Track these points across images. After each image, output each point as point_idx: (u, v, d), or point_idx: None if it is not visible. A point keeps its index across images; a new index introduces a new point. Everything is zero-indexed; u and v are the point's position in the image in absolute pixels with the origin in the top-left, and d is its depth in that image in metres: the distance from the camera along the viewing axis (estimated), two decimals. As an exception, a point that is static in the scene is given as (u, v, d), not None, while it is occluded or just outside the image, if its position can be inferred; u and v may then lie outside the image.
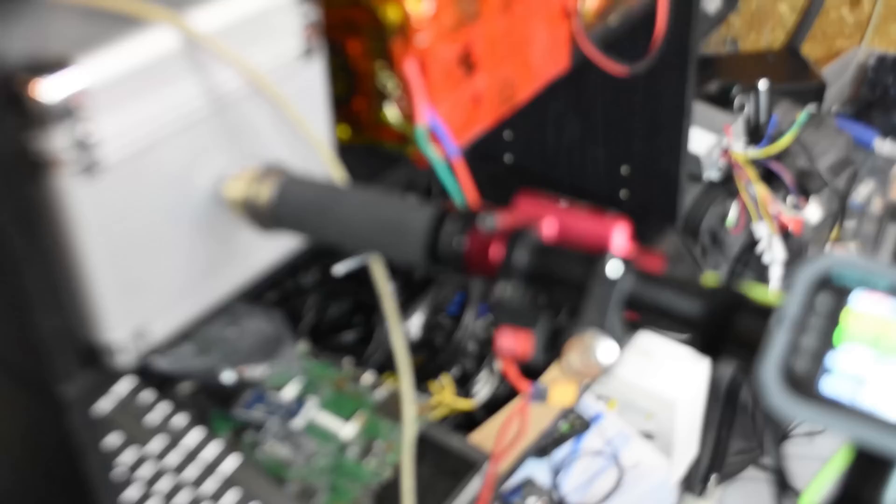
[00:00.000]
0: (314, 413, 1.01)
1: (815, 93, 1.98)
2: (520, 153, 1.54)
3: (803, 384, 0.48)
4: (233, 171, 0.68)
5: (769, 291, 0.53)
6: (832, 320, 0.48)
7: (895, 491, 0.49)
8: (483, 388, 1.19)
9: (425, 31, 0.81)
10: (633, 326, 0.57)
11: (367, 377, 1.05)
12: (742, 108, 1.63)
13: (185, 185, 0.66)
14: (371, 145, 0.89)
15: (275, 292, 1.23)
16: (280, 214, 0.65)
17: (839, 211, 1.70)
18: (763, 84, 1.63)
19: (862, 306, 0.48)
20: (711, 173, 1.54)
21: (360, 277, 1.22)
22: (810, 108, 1.71)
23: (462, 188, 0.86)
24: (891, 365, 0.47)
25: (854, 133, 2.20)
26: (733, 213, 1.53)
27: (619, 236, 0.60)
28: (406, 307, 1.19)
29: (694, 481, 1.78)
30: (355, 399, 1.03)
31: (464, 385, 1.19)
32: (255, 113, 0.69)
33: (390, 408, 1.03)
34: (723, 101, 1.65)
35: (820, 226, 1.65)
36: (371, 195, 0.63)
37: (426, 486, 0.99)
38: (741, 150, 1.55)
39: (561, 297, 0.58)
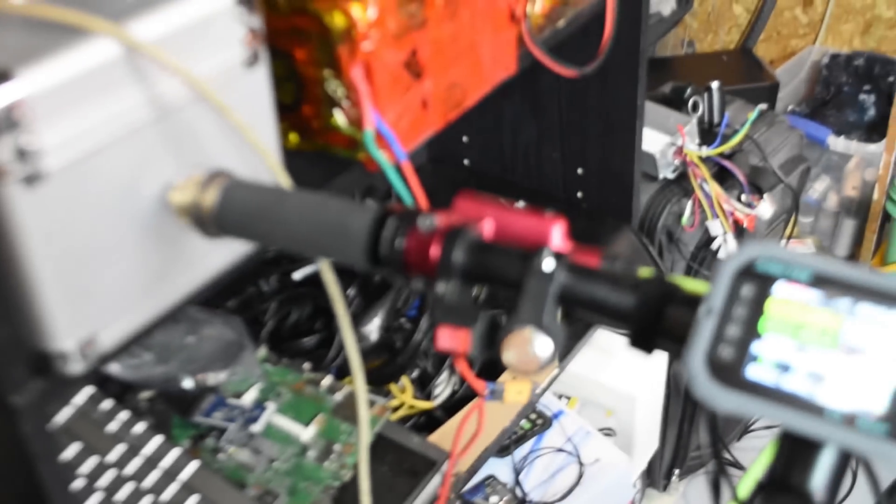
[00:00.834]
0: (273, 417, 1.01)
1: (768, 92, 2.00)
2: (478, 157, 1.55)
3: (729, 372, 0.49)
4: (179, 179, 0.68)
5: (698, 283, 0.54)
6: (756, 310, 0.49)
7: (822, 473, 0.51)
8: (443, 389, 1.19)
9: (371, 37, 0.81)
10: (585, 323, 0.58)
11: (326, 381, 1.06)
12: (696, 108, 1.65)
13: (131, 193, 0.66)
14: (321, 151, 0.89)
15: (236, 299, 1.23)
16: (224, 220, 0.65)
17: (792, 207, 1.72)
18: (716, 84, 1.64)
19: (784, 295, 0.49)
20: (666, 172, 1.55)
21: (320, 283, 1.22)
22: (762, 106, 1.72)
23: (411, 190, 0.87)
24: (813, 351, 0.47)
25: (808, 131, 2.22)
26: (688, 211, 1.54)
27: (556, 234, 0.61)
28: (366, 311, 1.20)
29: (657, 476, 1.79)
30: (314, 403, 1.03)
31: (424, 386, 1.19)
32: (201, 120, 0.69)
33: (349, 410, 1.03)
34: (677, 101, 1.66)
35: (774, 221, 1.66)
36: (314, 199, 0.63)
37: (386, 486, 1.00)
38: (695, 149, 1.56)
39: (499, 293, 0.59)
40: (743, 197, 1.58)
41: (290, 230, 0.63)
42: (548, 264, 0.56)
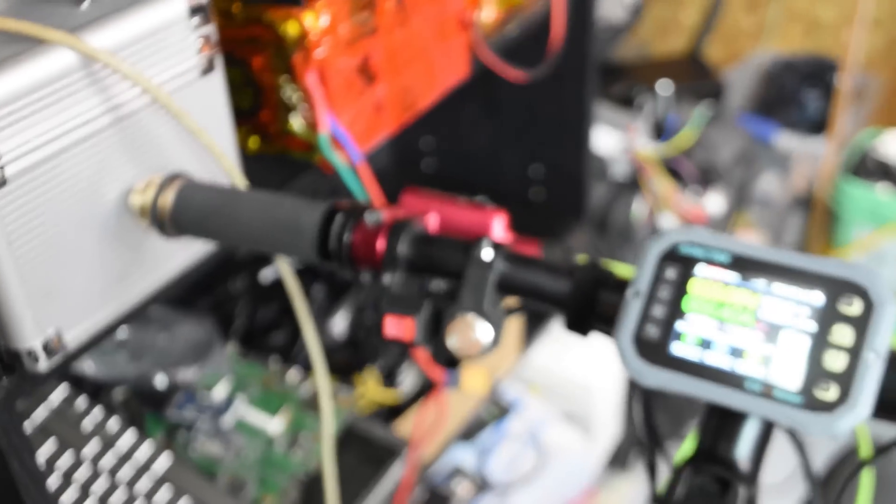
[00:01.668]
0: (243, 410, 1.01)
1: (715, 92, 2.02)
2: (439, 160, 1.55)
3: (656, 350, 0.49)
4: (139, 182, 0.68)
5: (629, 268, 0.55)
6: (679, 291, 0.50)
7: (746, 443, 0.51)
8: (407, 380, 1.20)
9: (324, 45, 0.82)
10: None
11: (293, 374, 1.06)
12: (646, 109, 1.66)
13: (93, 196, 0.66)
14: (280, 154, 0.89)
15: (206, 298, 1.23)
16: (181, 220, 0.65)
17: (740, 200, 1.74)
18: (664, 85, 1.66)
19: (705, 277, 0.49)
20: (618, 171, 1.57)
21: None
22: (708, 106, 1.74)
23: (367, 191, 0.87)
24: (732, 328, 0.48)
25: (756, 129, 2.25)
26: (640, 207, 1.55)
27: (497, 225, 0.62)
28: (332, 305, 1.20)
29: (621, 459, 1.80)
30: (282, 396, 1.03)
31: (390, 377, 1.20)
32: (159, 126, 0.69)
33: (315, 402, 1.03)
34: (628, 103, 1.68)
35: (722, 215, 1.68)
36: (266, 198, 0.64)
37: (351, 474, 1.00)
38: (645, 148, 1.57)
39: (443, 283, 0.59)
40: (692, 192, 1.59)
41: (244, 228, 0.63)
42: (486, 254, 0.56)
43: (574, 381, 1.44)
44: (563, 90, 1.34)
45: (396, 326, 0.58)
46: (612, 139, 1.56)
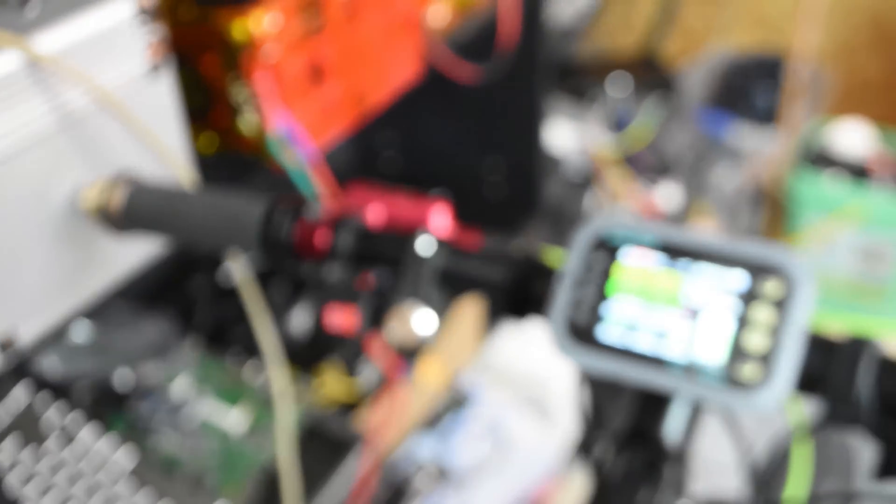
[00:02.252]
0: (203, 405, 1.02)
1: (670, 88, 2.04)
2: (399, 157, 1.56)
3: (584, 333, 0.50)
4: (89, 181, 0.68)
5: (562, 254, 0.56)
6: (606, 275, 0.51)
7: (674, 422, 0.53)
8: (368, 373, 1.20)
9: (271, 45, 0.82)
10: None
11: (253, 369, 1.06)
12: (601, 105, 1.68)
13: (43, 197, 0.66)
14: (233, 154, 0.90)
15: (169, 296, 1.23)
16: (130, 218, 0.66)
17: (694, 193, 1.75)
18: (618, 82, 1.67)
19: (629, 261, 0.51)
20: (573, 165, 1.58)
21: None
22: (661, 100, 1.76)
23: (318, 188, 0.88)
24: (656, 310, 0.49)
25: (711, 123, 2.27)
26: (596, 200, 1.57)
27: (439, 217, 0.63)
28: (292, 300, 1.20)
29: (587, 447, 1.81)
30: (242, 390, 1.04)
31: (351, 369, 1.20)
32: (108, 126, 0.69)
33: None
34: (584, 99, 1.69)
35: (677, 208, 1.70)
36: (212, 194, 0.64)
37: (310, 467, 1.00)
38: (600, 142, 1.59)
39: (385, 274, 0.60)
40: (645, 183, 1.61)
41: (191, 225, 0.64)
42: (424, 244, 0.57)
43: (536, 370, 1.45)
44: (517, 88, 1.35)
45: (339, 316, 0.58)
46: (567, 135, 1.57)
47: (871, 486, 0.64)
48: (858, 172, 2.11)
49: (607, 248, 0.51)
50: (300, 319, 1.19)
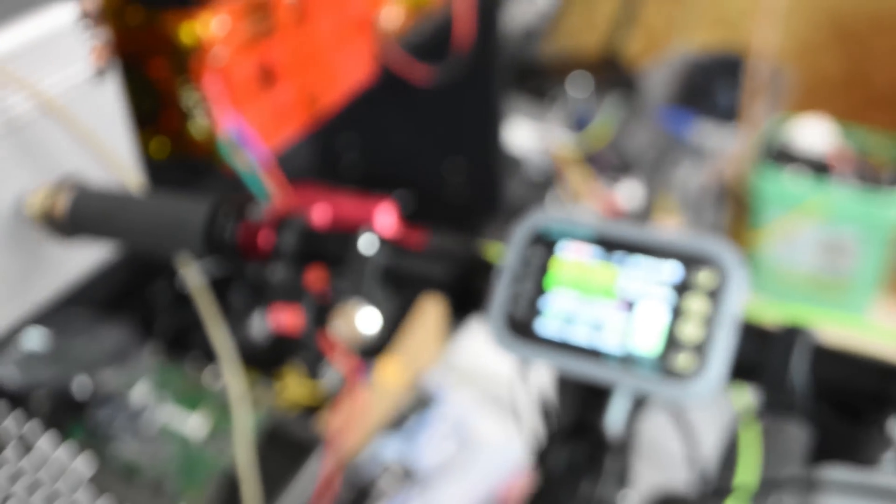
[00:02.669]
0: (163, 410, 1.01)
1: (631, 87, 2.05)
2: (360, 159, 1.56)
3: (523, 327, 0.51)
4: (34, 187, 0.68)
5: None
6: (544, 269, 0.51)
7: (616, 413, 0.53)
8: (331, 374, 1.20)
9: (220, 48, 0.82)
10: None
11: (213, 374, 1.05)
12: (562, 105, 1.68)
13: (-14, 203, 0.65)
14: (185, 158, 0.89)
15: (129, 302, 1.22)
16: (75, 223, 0.65)
17: (655, 191, 1.77)
18: (580, 82, 1.68)
19: (567, 254, 0.51)
20: (536, 165, 1.58)
21: (212, 281, 1.22)
22: (622, 99, 1.77)
23: (271, 192, 0.87)
24: (593, 303, 0.50)
25: (673, 121, 2.28)
26: (558, 199, 1.57)
27: (384, 216, 0.63)
28: (253, 302, 1.20)
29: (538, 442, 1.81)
30: (201, 395, 1.03)
31: (313, 371, 1.20)
32: (53, 131, 0.69)
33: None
34: (544, 99, 1.70)
35: (638, 206, 1.70)
36: (158, 198, 0.64)
37: (271, 470, 1.00)
38: (562, 142, 1.59)
39: (330, 273, 0.60)
40: (606, 182, 1.61)
41: (136, 228, 0.63)
42: (368, 243, 0.57)
43: (501, 369, 1.45)
44: (475, 88, 1.35)
45: (283, 316, 0.58)
46: (528, 135, 1.58)
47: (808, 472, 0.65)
48: (819, 168, 2.13)
49: (544, 243, 0.51)
50: (261, 323, 1.19)
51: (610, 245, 0.50)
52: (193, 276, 0.76)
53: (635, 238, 0.50)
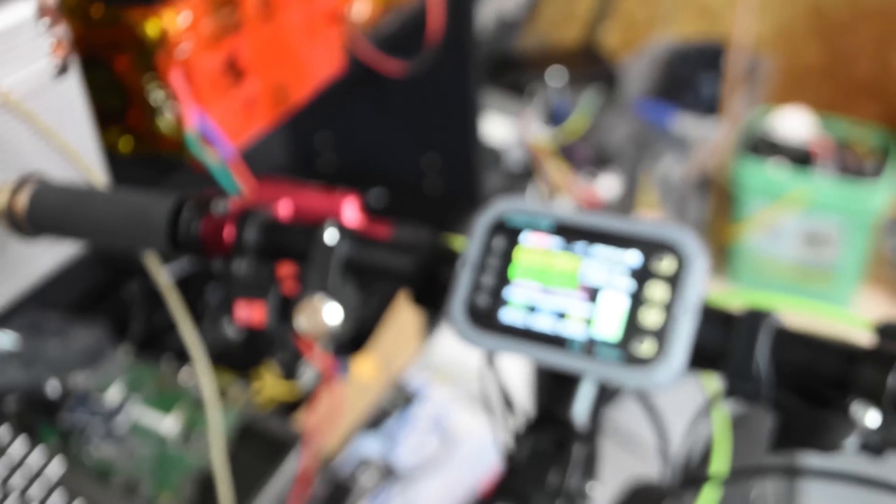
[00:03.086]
0: (136, 412, 1.01)
1: (611, 79, 2.05)
2: (337, 155, 1.56)
3: (486, 317, 0.51)
4: (-4, 186, 0.68)
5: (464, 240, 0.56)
6: (506, 259, 0.51)
7: (583, 403, 0.53)
8: (309, 372, 1.20)
9: (185, 43, 0.82)
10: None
11: (186, 373, 1.05)
12: (540, 97, 1.69)
13: (-54, 203, 0.65)
14: (154, 155, 0.89)
15: (102, 301, 1.22)
16: (36, 221, 0.65)
17: (636, 182, 1.77)
18: (557, 74, 1.68)
19: (530, 244, 0.51)
20: (513, 158, 1.58)
21: (184, 282, 1.22)
22: (600, 91, 1.77)
23: (240, 186, 0.87)
24: (555, 292, 0.50)
25: (654, 113, 2.29)
26: (536, 192, 1.58)
27: (349, 209, 0.63)
28: (227, 303, 1.19)
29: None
30: (176, 394, 1.03)
31: (290, 370, 1.20)
32: (14, 129, 0.68)
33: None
34: (522, 92, 1.70)
35: (619, 197, 1.71)
36: (120, 193, 0.64)
37: (247, 468, 1.00)
38: (539, 135, 1.60)
39: (294, 266, 0.60)
40: (585, 175, 1.62)
41: (99, 225, 0.63)
42: (330, 236, 0.57)
43: (481, 365, 1.45)
44: (449, 81, 1.35)
45: (247, 311, 0.58)
46: (505, 128, 1.58)
47: (774, 458, 0.65)
48: (801, 159, 2.14)
49: (508, 233, 0.51)
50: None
51: (571, 234, 0.50)
52: (161, 274, 0.76)
53: (596, 226, 0.50)
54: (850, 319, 0.52)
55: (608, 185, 1.65)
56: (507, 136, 1.56)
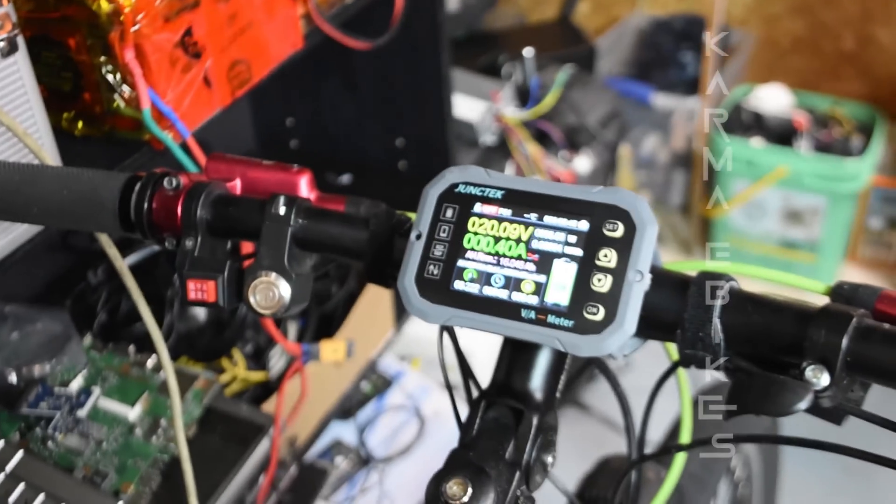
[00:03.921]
0: (100, 401, 1.01)
1: (587, 57, 2.05)
2: (304, 138, 1.56)
3: (439, 288, 0.51)
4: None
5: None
6: (459, 229, 0.51)
7: (538, 372, 0.54)
8: (279, 360, 1.20)
9: (140, 20, 0.81)
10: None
11: (150, 361, 1.05)
12: (511, 75, 1.69)
13: None
14: (109, 135, 0.89)
15: (66, 293, 1.22)
16: (-23, 202, 0.64)
17: (612, 159, 1.77)
18: (528, 51, 1.68)
19: (482, 213, 0.51)
20: (487, 138, 1.59)
21: (148, 269, 1.22)
22: (575, 68, 1.77)
23: (199, 164, 0.87)
24: (508, 261, 0.50)
25: (633, 91, 2.29)
26: (509, 171, 1.58)
27: (303, 184, 0.63)
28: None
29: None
30: (140, 383, 1.03)
31: (259, 359, 1.20)
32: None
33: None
34: (494, 71, 1.70)
35: (594, 174, 1.71)
36: (68, 172, 0.63)
37: (216, 454, 1.00)
38: (512, 113, 1.60)
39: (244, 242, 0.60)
40: (561, 154, 1.62)
41: (46, 205, 0.63)
42: (281, 209, 0.57)
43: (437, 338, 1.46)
44: (418, 59, 1.35)
45: (198, 290, 0.58)
46: (477, 107, 1.58)
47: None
48: (783, 136, 2.15)
49: (459, 203, 0.52)
50: (201, 309, 1.19)
51: (522, 202, 0.51)
52: (118, 257, 0.76)
53: (548, 194, 0.50)
54: (807, 284, 0.53)
55: (585, 164, 1.66)
56: (481, 115, 1.56)
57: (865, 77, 2.39)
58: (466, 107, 1.56)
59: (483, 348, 1.39)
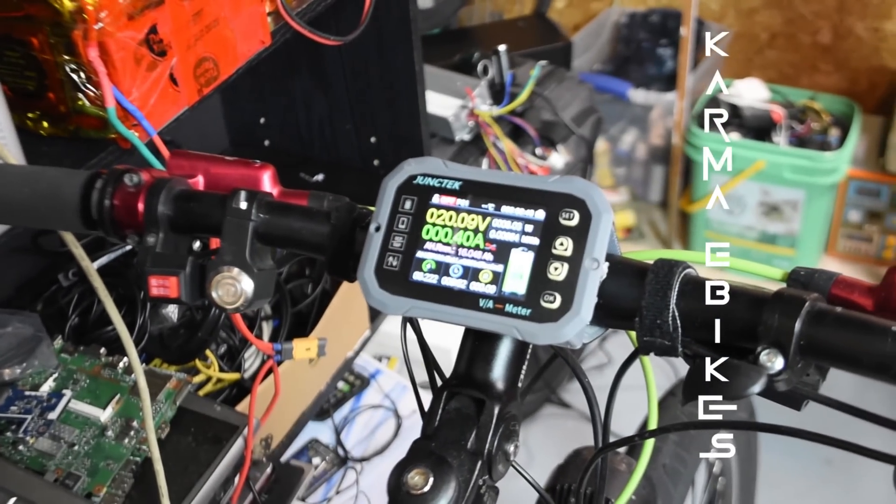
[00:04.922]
0: (71, 403, 1.01)
1: (563, 53, 2.07)
2: (278, 137, 1.56)
3: (398, 279, 0.52)
4: None
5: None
6: (417, 221, 0.52)
7: (499, 362, 0.54)
8: (252, 361, 1.21)
9: (103, 18, 0.82)
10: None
11: (122, 363, 1.05)
12: (486, 71, 1.70)
13: None
14: (75, 134, 0.89)
15: (38, 296, 1.22)
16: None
17: (588, 155, 1.78)
18: (503, 48, 1.69)
19: (440, 205, 0.52)
20: (461, 134, 1.60)
21: (120, 271, 1.22)
22: (542, 63, 1.78)
23: (160, 162, 0.88)
24: (466, 251, 0.51)
25: (610, 86, 2.31)
26: (485, 167, 1.59)
27: (266, 179, 0.64)
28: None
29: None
30: (112, 385, 1.03)
31: (233, 359, 1.21)
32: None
33: (146, 388, 1.03)
34: (468, 67, 1.71)
35: (569, 170, 1.72)
36: (28, 170, 0.64)
37: (190, 455, 1.00)
38: (486, 109, 1.61)
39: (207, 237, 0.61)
40: (536, 150, 1.63)
41: (8, 204, 0.63)
42: (241, 203, 0.58)
43: (435, 344, 1.47)
44: (390, 55, 1.36)
45: (161, 286, 0.59)
46: (451, 103, 1.59)
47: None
48: (761, 130, 2.16)
49: (417, 194, 0.53)
50: (173, 310, 1.19)
51: (479, 193, 0.52)
52: (84, 257, 0.77)
53: (504, 185, 0.51)
54: (764, 271, 0.54)
55: (560, 160, 1.67)
56: (455, 111, 1.57)
57: (843, 70, 2.41)
58: (441, 103, 1.57)
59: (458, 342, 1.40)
